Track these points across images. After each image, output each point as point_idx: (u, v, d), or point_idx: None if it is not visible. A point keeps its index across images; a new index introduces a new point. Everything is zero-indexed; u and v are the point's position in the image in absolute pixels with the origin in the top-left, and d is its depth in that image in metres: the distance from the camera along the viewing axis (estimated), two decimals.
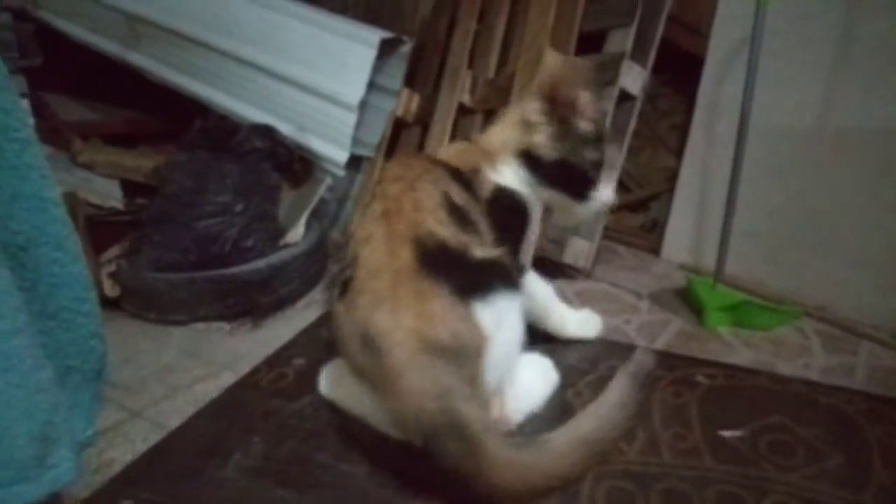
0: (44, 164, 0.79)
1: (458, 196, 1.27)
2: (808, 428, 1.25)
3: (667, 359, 1.54)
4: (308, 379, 1.47)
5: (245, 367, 1.60)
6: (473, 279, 1.13)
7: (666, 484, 1.10)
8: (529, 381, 1.32)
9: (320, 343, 1.69)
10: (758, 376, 1.46)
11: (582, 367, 1.51)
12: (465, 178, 1.36)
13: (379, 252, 1.15)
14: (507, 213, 1.38)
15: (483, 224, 1.28)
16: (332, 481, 1.14)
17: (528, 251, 1.56)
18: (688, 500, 1.07)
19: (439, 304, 1.07)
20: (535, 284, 1.51)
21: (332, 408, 1.35)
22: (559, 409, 1.33)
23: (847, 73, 1.82)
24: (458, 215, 1.22)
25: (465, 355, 1.07)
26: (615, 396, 1.18)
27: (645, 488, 1.10)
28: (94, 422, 0.92)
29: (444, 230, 1.17)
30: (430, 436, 0.99)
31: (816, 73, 1.87)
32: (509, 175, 1.41)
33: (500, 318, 1.12)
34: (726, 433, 1.24)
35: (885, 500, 1.06)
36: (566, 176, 1.41)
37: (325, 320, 1.73)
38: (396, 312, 1.06)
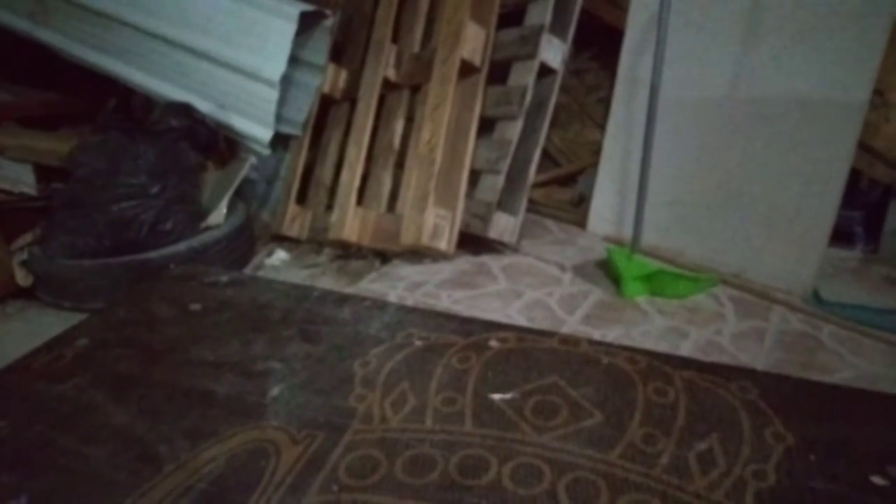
0: None
1: None
2: (581, 388, 1.25)
3: (465, 325, 1.51)
4: (84, 360, 1.41)
5: None
6: None
7: (417, 450, 1.10)
8: None
9: (112, 321, 1.60)
10: (549, 338, 1.44)
11: (380, 336, 1.47)
12: None
13: None
14: None
15: None
16: (69, 465, 1.11)
17: None
18: (433, 465, 1.07)
19: None
20: None
21: (98, 386, 1.31)
22: (341, 378, 1.31)
23: (758, 45, 1.86)
24: None
25: None
26: None
27: (392, 455, 1.09)
28: None
29: None
30: None
31: (729, 46, 1.91)
32: None
33: None
34: (497, 396, 1.24)
35: (629, 458, 1.08)
36: None
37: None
38: None
